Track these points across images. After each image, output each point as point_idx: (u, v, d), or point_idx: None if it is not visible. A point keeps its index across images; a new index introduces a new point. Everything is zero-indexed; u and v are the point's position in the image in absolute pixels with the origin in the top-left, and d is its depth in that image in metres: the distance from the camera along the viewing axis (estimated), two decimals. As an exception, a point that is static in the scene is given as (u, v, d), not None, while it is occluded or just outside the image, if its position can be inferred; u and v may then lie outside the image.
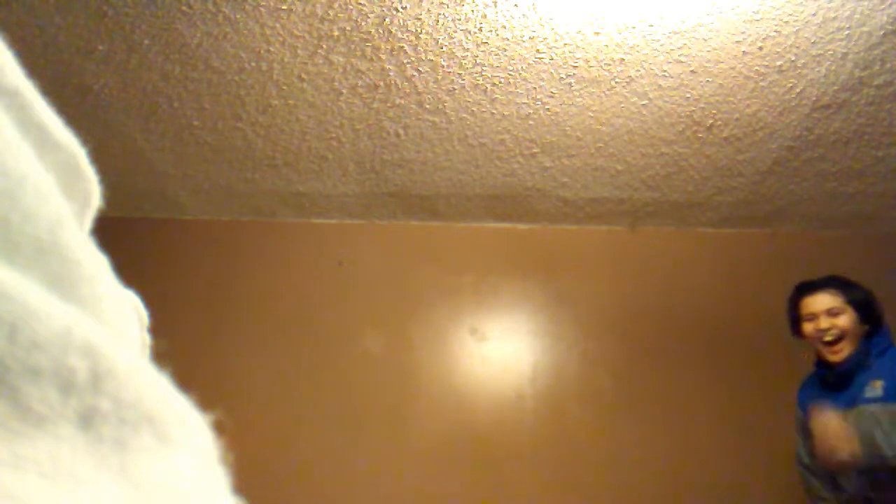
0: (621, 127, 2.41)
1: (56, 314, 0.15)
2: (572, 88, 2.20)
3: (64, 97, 2.20)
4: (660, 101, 2.26)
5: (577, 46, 2.01)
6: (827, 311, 1.96)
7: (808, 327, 2.01)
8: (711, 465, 2.79)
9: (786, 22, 1.91)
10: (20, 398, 0.14)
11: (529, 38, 1.97)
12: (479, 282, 3.08)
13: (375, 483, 2.75)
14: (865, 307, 1.98)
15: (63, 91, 2.17)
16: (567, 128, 2.41)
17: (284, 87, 2.19)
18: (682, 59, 2.06)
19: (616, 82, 2.17)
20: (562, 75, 2.13)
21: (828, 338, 1.95)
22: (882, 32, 1.93)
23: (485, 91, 2.21)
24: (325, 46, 2.00)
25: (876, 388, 1.84)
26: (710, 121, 2.37)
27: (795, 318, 2.08)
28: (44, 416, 0.14)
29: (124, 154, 2.59)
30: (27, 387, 0.14)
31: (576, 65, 2.09)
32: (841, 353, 1.93)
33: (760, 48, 2.01)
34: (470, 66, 2.09)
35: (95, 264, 0.19)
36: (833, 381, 1.98)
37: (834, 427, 1.76)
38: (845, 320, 1.94)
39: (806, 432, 2.04)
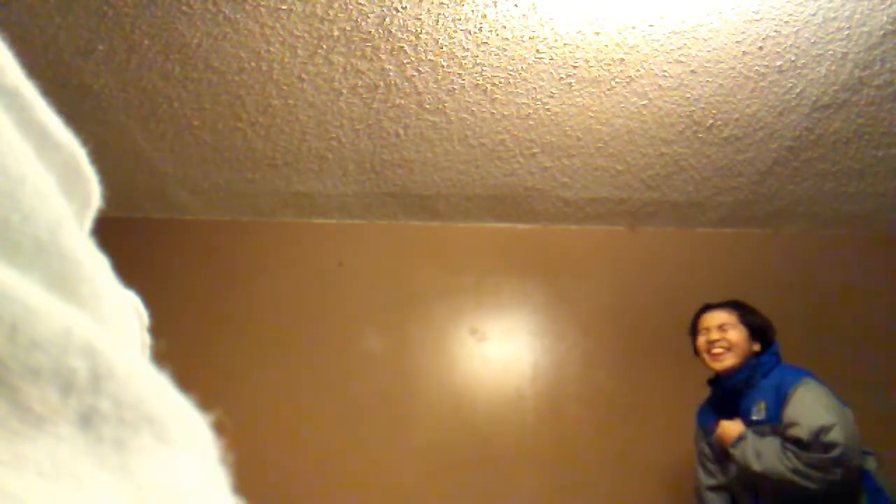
0: (621, 127, 2.41)
1: (56, 314, 0.15)
2: (572, 88, 2.20)
3: (64, 97, 2.19)
4: (660, 101, 2.26)
5: (577, 46, 2.01)
6: (719, 325, 2.06)
7: (700, 340, 2.11)
8: (711, 465, 2.79)
9: (786, 22, 1.91)
10: (20, 398, 0.14)
11: (529, 38, 1.97)
12: (479, 282, 3.08)
13: (375, 483, 2.75)
14: (757, 327, 2.07)
15: (63, 91, 2.17)
16: (567, 128, 2.41)
17: (284, 87, 2.19)
18: (682, 59, 2.06)
19: (616, 82, 2.17)
20: (562, 75, 2.13)
21: (715, 349, 2.04)
22: (882, 32, 1.93)
23: (485, 91, 2.21)
24: (325, 46, 2.00)
25: (760, 409, 1.93)
26: (710, 121, 2.37)
27: (693, 334, 2.17)
28: (44, 416, 0.14)
29: (124, 154, 2.59)
30: (27, 387, 0.14)
31: (576, 65, 2.09)
32: (723, 361, 2.02)
33: (760, 48, 2.01)
34: (470, 66, 2.09)
35: (95, 264, 0.19)
36: (723, 399, 2.08)
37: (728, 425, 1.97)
38: (734, 335, 2.03)
39: (712, 451, 2.12)
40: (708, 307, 2.16)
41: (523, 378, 2.93)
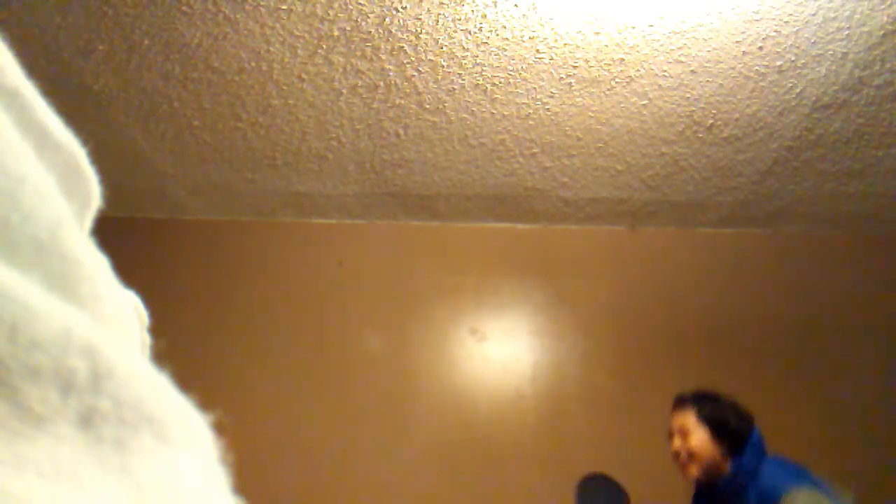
0: (621, 127, 2.41)
1: (56, 314, 0.15)
2: (572, 88, 2.20)
3: (64, 97, 2.19)
4: (660, 101, 2.26)
5: (577, 46, 2.01)
6: (679, 429, 1.87)
7: (671, 443, 1.92)
8: (711, 465, 2.79)
9: (786, 22, 1.91)
10: (20, 398, 0.14)
11: (529, 38, 1.97)
12: (479, 282, 3.08)
13: (375, 483, 2.75)
14: (718, 423, 1.82)
15: (63, 91, 2.17)
16: (567, 128, 2.41)
17: (284, 87, 2.19)
18: (682, 59, 2.06)
19: (616, 82, 2.17)
20: (562, 75, 2.13)
21: (680, 459, 1.85)
22: (882, 32, 1.93)
23: (485, 91, 2.21)
24: (325, 46, 2.00)
25: None
26: (710, 121, 2.37)
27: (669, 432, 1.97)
28: (44, 416, 0.14)
29: (124, 154, 2.59)
30: (27, 387, 0.14)
31: (576, 65, 2.09)
32: (691, 474, 1.82)
33: (760, 48, 2.01)
34: (470, 66, 2.09)
35: (95, 264, 0.19)
36: (711, 493, 1.86)
37: None
38: (695, 440, 1.81)
39: None
40: (677, 402, 1.96)
41: (523, 378, 2.93)
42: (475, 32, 1.95)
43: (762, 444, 1.81)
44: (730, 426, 1.82)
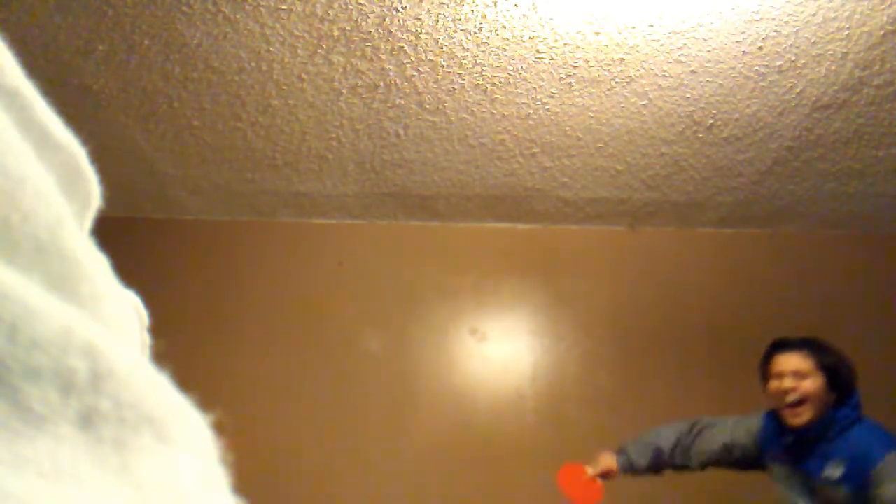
0: (621, 127, 2.41)
1: (56, 314, 0.15)
2: (572, 88, 2.20)
3: (64, 97, 2.19)
4: (660, 101, 2.26)
5: (577, 46, 2.01)
6: (794, 371, 1.88)
7: (773, 385, 1.93)
8: (711, 465, 2.79)
9: (786, 22, 1.90)
10: (20, 398, 0.14)
11: (529, 38, 1.97)
12: (479, 282, 3.08)
13: (375, 483, 2.75)
14: (835, 374, 1.87)
15: (63, 91, 2.17)
16: (567, 128, 2.41)
17: (284, 87, 2.19)
18: (682, 59, 2.06)
19: (616, 82, 2.17)
20: (562, 75, 2.13)
21: (789, 399, 1.86)
22: (882, 32, 1.93)
23: (485, 91, 2.21)
24: (325, 46, 2.00)
25: (835, 471, 1.79)
26: (710, 121, 2.37)
27: (765, 374, 2.00)
28: (44, 416, 0.14)
29: (124, 154, 2.59)
30: (27, 387, 0.14)
31: (576, 65, 2.09)
32: (801, 417, 1.85)
33: (760, 48, 2.01)
34: (470, 66, 2.09)
35: (95, 264, 0.19)
36: (792, 446, 1.92)
37: None
38: (811, 384, 1.85)
39: (775, 469, 2.02)
40: (782, 345, 1.97)
41: (523, 378, 2.93)
42: (475, 32, 1.95)
43: (860, 403, 1.89)
44: (842, 377, 1.87)
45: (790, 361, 1.90)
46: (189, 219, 3.14)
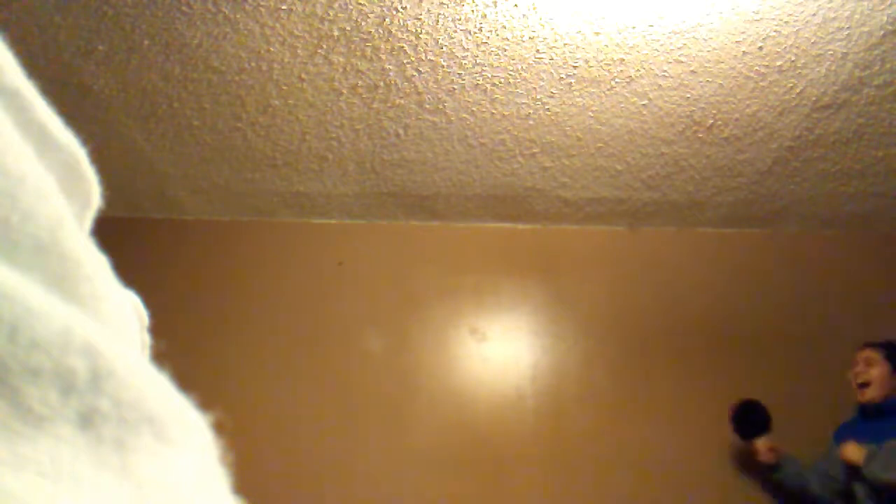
0: (621, 127, 2.41)
1: (56, 314, 0.15)
2: (572, 88, 2.20)
3: (64, 97, 2.20)
4: (660, 101, 2.26)
5: (577, 46, 2.01)
6: (865, 360, 2.41)
7: (852, 372, 2.45)
8: (711, 464, 2.79)
9: (786, 22, 1.91)
10: (20, 398, 0.14)
11: (529, 38, 1.97)
12: (479, 282, 3.08)
13: (375, 483, 2.75)
14: None
15: (63, 91, 2.17)
16: (567, 128, 2.41)
17: (284, 87, 2.19)
18: (682, 59, 2.06)
19: (616, 82, 2.17)
20: (562, 75, 2.14)
21: (858, 380, 2.39)
22: (882, 32, 1.93)
23: (485, 91, 2.21)
24: (325, 46, 2.00)
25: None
26: (710, 121, 2.37)
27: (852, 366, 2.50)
28: (44, 416, 0.14)
29: (124, 154, 2.59)
30: (27, 387, 0.14)
31: (576, 65, 2.09)
32: (866, 395, 2.37)
33: (760, 48, 2.01)
34: (470, 66, 2.09)
35: (95, 264, 0.19)
36: (871, 411, 2.40)
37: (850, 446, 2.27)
38: (877, 370, 2.37)
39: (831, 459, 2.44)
40: (868, 343, 2.48)
41: (523, 378, 2.93)
42: (475, 32, 1.95)
43: None
44: None
45: (864, 353, 2.44)
46: (189, 219, 3.14)
